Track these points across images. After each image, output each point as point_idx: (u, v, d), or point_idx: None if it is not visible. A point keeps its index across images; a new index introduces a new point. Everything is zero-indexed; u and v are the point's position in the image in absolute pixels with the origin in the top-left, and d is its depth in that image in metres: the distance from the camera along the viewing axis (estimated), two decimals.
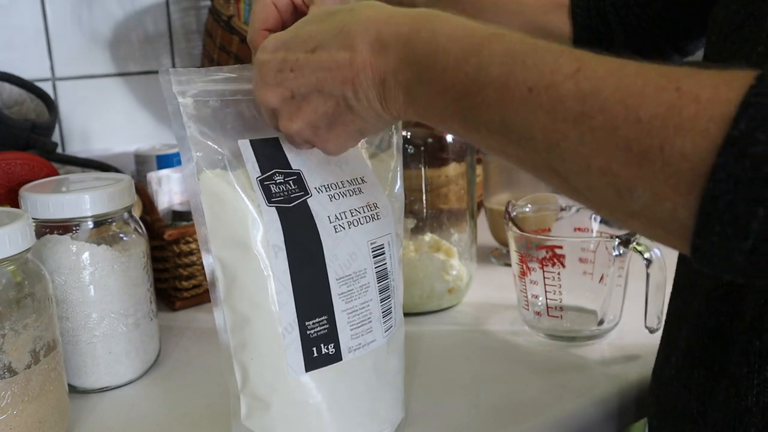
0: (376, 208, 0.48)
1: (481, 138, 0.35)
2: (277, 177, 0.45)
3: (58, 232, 0.57)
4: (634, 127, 0.28)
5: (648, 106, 0.28)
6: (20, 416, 0.48)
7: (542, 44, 0.32)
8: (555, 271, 0.64)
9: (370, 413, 0.49)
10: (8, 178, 0.62)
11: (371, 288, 0.47)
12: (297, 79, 0.40)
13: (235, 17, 0.86)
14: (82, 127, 0.95)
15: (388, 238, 0.49)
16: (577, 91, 0.30)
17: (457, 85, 0.34)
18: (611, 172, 0.29)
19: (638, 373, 0.59)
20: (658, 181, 0.28)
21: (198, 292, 0.77)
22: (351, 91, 0.39)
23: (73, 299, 0.57)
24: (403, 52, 0.37)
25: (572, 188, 0.32)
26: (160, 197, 0.80)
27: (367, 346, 0.47)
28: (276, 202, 0.44)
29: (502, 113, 0.33)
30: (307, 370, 0.45)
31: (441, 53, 0.35)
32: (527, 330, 0.68)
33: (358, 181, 0.48)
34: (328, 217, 0.46)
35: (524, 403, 0.56)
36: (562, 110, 0.30)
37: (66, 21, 0.92)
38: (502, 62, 0.33)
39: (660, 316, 0.62)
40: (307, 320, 0.45)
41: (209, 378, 0.61)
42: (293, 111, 0.41)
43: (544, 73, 0.31)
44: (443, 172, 0.74)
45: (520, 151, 0.33)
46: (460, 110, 0.35)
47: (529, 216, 0.70)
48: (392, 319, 0.49)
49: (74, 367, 0.58)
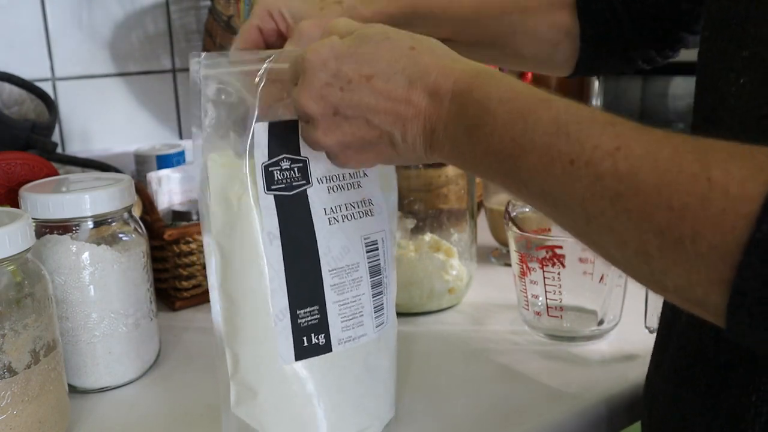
0: (370, 204, 0.48)
1: (521, 195, 0.36)
2: (284, 163, 0.45)
3: (58, 232, 0.57)
4: (666, 215, 0.29)
5: (680, 195, 0.28)
6: (20, 416, 0.48)
7: (587, 114, 0.33)
8: (555, 271, 0.64)
9: (358, 407, 0.49)
10: (8, 178, 0.62)
11: (364, 282, 0.48)
12: (345, 100, 0.40)
13: (235, 17, 0.86)
14: (82, 127, 0.95)
15: (381, 235, 0.49)
16: (615, 170, 0.30)
17: (502, 149, 0.35)
18: (646, 253, 0.30)
19: (638, 373, 0.59)
20: (691, 268, 0.29)
21: (198, 292, 0.77)
22: (400, 131, 0.40)
23: (73, 299, 0.57)
24: (456, 108, 0.38)
25: (611, 258, 0.33)
26: (160, 197, 0.80)
27: (358, 340, 0.48)
28: (275, 189, 0.45)
29: (543, 180, 0.34)
30: (297, 359, 0.45)
31: (490, 116, 0.36)
32: (527, 330, 0.68)
33: (359, 174, 0.48)
34: (324, 209, 0.46)
35: (524, 404, 0.56)
36: (600, 188, 0.31)
37: (66, 21, 0.92)
38: (546, 131, 0.33)
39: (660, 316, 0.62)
40: (299, 309, 0.45)
41: (209, 378, 0.61)
42: (331, 127, 0.41)
43: (585, 148, 0.32)
44: (443, 172, 0.74)
45: (560, 217, 0.35)
46: (504, 171, 0.36)
47: (529, 216, 0.70)
48: (384, 316, 0.50)
49: (74, 367, 0.58)
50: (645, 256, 0.30)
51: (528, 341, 0.67)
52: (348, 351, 0.47)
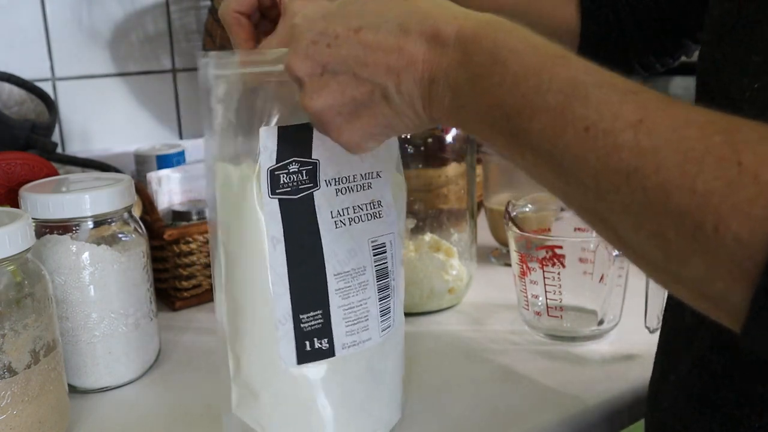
0: (379, 206, 0.48)
1: (525, 163, 0.33)
2: (293, 166, 0.44)
3: (58, 232, 0.57)
4: (688, 197, 0.26)
5: (706, 178, 0.26)
6: (20, 416, 0.48)
7: (608, 79, 0.30)
8: (555, 271, 0.64)
9: (362, 412, 0.49)
10: (8, 178, 0.62)
11: (370, 286, 0.47)
12: (332, 55, 0.37)
13: None
14: (82, 127, 0.95)
15: (390, 237, 0.48)
16: (635, 144, 0.27)
17: (509, 103, 0.32)
18: (663, 237, 0.27)
19: (638, 373, 0.59)
20: (711, 259, 0.26)
21: (198, 292, 0.77)
22: (393, 82, 0.36)
23: (73, 299, 0.57)
24: (461, 55, 0.34)
25: (620, 240, 0.30)
26: (160, 197, 0.80)
27: (362, 344, 0.47)
28: (281, 193, 0.44)
29: (552, 145, 0.30)
30: (299, 363, 0.45)
31: (499, 66, 0.32)
32: (527, 330, 0.68)
33: (372, 175, 0.47)
34: (331, 211, 0.45)
35: (524, 404, 0.56)
36: (616, 161, 0.28)
37: (66, 21, 0.92)
38: (561, 90, 0.30)
39: (660, 316, 0.62)
40: (302, 313, 0.45)
41: (209, 378, 0.61)
42: (318, 88, 0.38)
43: (604, 116, 0.29)
44: (443, 172, 0.74)
45: (568, 188, 0.31)
46: (508, 129, 0.32)
47: (529, 216, 0.70)
48: (390, 319, 0.49)
49: (74, 367, 0.58)
50: (660, 241, 0.27)
51: (528, 341, 0.67)
52: (352, 355, 0.47)
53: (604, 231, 0.31)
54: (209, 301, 0.78)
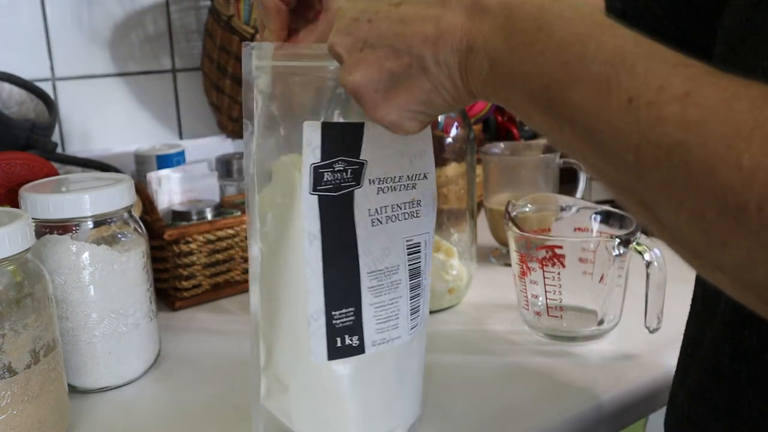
0: (418, 206, 0.47)
1: (562, 137, 0.32)
2: (338, 165, 0.43)
3: (58, 232, 0.57)
4: (733, 174, 0.24)
5: (753, 153, 0.24)
6: (20, 416, 0.48)
7: (657, 51, 0.29)
8: (555, 271, 0.64)
9: (387, 408, 0.49)
10: (8, 178, 0.62)
11: (402, 285, 0.47)
12: (372, 30, 0.36)
13: (235, 17, 0.86)
14: (82, 127, 0.95)
15: (425, 237, 0.48)
16: (681, 116, 0.26)
17: (550, 73, 0.30)
18: (704, 218, 0.26)
19: (638, 373, 0.59)
20: (754, 242, 0.25)
21: (198, 292, 0.77)
22: (431, 52, 0.35)
23: (72, 299, 0.57)
24: (502, 21, 0.33)
25: (659, 222, 0.29)
26: (160, 197, 0.80)
27: (392, 342, 0.47)
28: (322, 190, 0.43)
29: (591, 117, 0.29)
30: (329, 359, 0.45)
31: (543, 33, 0.31)
32: (527, 330, 0.68)
33: (419, 177, 0.46)
34: (368, 209, 0.45)
35: (524, 403, 0.56)
36: (659, 134, 0.27)
37: (66, 21, 0.92)
38: (607, 61, 0.29)
39: (660, 316, 0.62)
40: (335, 310, 0.45)
41: (209, 378, 0.61)
42: (356, 62, 0.37)
43: (650, 87, 0.27)
44: (443, 172, 0.74)
45: (605, 165, 0.30)
46: (547, 100, 0.31)
47: (529, 216, 0.70)
48: (419, 318, 0.49)
49: (74, 367, 0.58)
50: (701, 222, 0.26)
51: (528, 341, 0.67)
52: (381, 352, 0.47)
53: (643, 212, 0.29)
54: (209, 301, 0.78)
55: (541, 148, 0.89)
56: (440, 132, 0.73)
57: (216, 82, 0.94)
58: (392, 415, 0.49)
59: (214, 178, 0.85)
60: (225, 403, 0.57)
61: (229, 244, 0.78)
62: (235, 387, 0.59)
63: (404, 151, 0.45)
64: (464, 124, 0.74)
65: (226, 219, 0.77)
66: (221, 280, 0.79)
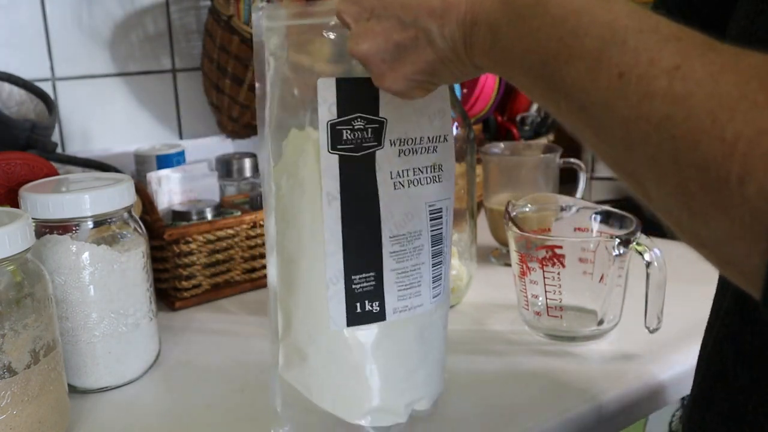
0: (440, 170, 0.46)
1: (559, 112, 0.32)
2: (357, 123, 0.43)
3: (58, 232, 0.57)
4: (716, 145, 0.24)
5: (736, 125, 0.24)
6: (20, 416, 0.48)
7: (652, 23, 0.28)
8: (555, 271, 0.64)
9: (410, 378, 0.48)
10: (8, 178, 0.62)
11: (425, 251, 0.46)
12: (379, 0, 0.37)
13: (235, 17, 0.86)
14: (82, 127, 0.95)
15: (447, 203, 0.47)
16: (668, 90, 0.26)
17: (546, 48, 0.31)
18: (687, 191, 0.26)
19: (638, 373, 0.59)
20: (734, 216, 0.24)
21: (198, 292, 0.77)
22: (437, 25, 0.36)
23: (72, 299, 0.57)
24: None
25: (648, 197, 0.29)
26: (160, 197, 0.80)
27: (414, 310, 0.46)
28: (342, 149, 0.42)
29: (585, 94, 0.29)
30: (348, 325, 0.44)
31: (541, 7, 0.31)
32: (527, 330, 0.68)
33: (440, 139, 0.46)
34: (390, 172, 0.44)
35: (524, 403, 0.56)
36: (647, 108, 0.27)
37: (66, 21, 0.92)
38: (599, 35, 0.29)
39: (660, 316, 0.62)
40: (354, 274, 0.44)
41: (209, 378, 0.61)
42: (364, 31, 0.38)
43: (640, 61, 0.27)
44: None
45: (597, 140, 0.30)
46: (544, 75, 0.31)
47: (529, 216, 0.70)
48: (441, 286, 0.48)
49: (74, 367, 0.58)
50: (684, 196, 0.26)
51: (528, 341, 0.67)
52: (403, 320, 0.46)
53: (635, 187, 0.29)
54: (209, 301, 0.78)
55: (541, 148, 0.89)
56: None
57: (216, 82, 0.94)
58: (414, 387, 0.48)
59: (214, 178, 0.85)
60: (225, 403, 0.57)
61: (229, 244, 0.78)
62: (235, 387, 0.59)
63: (423, 109, 0.44)
64: (464, 124, 0.74)
65: (226, 219, 0.77)
66: (221, 280, 0.79)
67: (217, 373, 0.62)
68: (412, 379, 0.48)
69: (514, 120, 1.09)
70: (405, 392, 0.48)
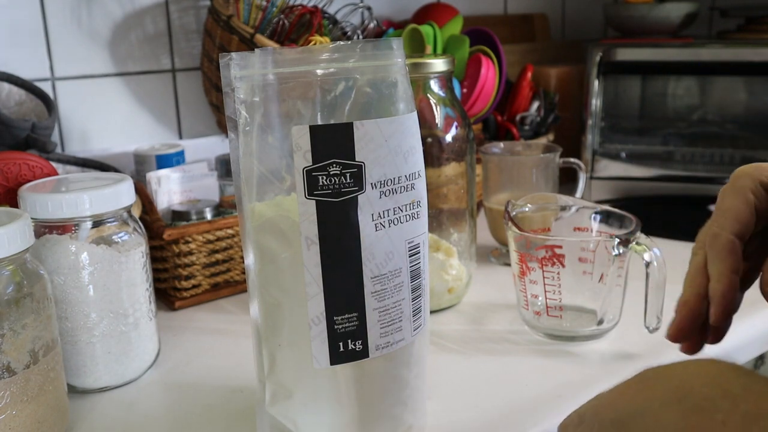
0: (418, 207, 0.47)
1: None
2: (333, 168, 0.43)
3: (57, 232, 0.57)
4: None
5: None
6: (19, 416, 0.48)
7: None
8: (554, 271, 0.64)
9: (392, 411, 0.49)
10: (8, 178, 0.62)
11: (404, 287, 0.46)
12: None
13: (235, 17, 0.86)
14: (81, 127, 0.95)
15: (423, 237, 0.48)
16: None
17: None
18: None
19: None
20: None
21: (197, 292, 0.77)
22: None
23: (72, 299, 0.57)
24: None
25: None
26: (159, 197, 0.80)
27: (395, 345, 0.47)
28: (319, 195, 0.43)
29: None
30: (332, 363, 0.45)
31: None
32: (527, 330, 0.68)
33: (416, 175, 0.46)
34: (372, 214, 0.44)
35: (523, 404, 0.56)
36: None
37: (65, 21, 0.91)
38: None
39: (659, 315, 0.62)
40: (336, 315, 0.44)
41: (209, 378, 0.61)
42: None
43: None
44: (443, 172, 0.74)
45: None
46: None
47: (528, 216, 0.70)
48: (421, 318, 0.49)
49: (73, 367, 0.58)
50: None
51: (528, 341, 0.67)
52: (384, 356, 0.47)
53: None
54: (209, 301, 0.78)
55: (541, 148, 0.89)
56: (440, 131, 0.73)
57: (216, 81, 0.94)
58: (398, 419, 0.49)
59: (214, 178, 0.85)
60: (225, 403, 0.57)
61: (229, 243, 0.78)
62: (235, 387, 0.59)
63: (397, 149, 0.45)
64: (464, 123, 0.74)
65: (225, 219, 0.77)
66: (221, 279, 0.79)
67: (217, 373, 0.62)
68: (396, 411, 0.49)
69: (514, 120, 1.09)
70: (388, 425, 0.49)
